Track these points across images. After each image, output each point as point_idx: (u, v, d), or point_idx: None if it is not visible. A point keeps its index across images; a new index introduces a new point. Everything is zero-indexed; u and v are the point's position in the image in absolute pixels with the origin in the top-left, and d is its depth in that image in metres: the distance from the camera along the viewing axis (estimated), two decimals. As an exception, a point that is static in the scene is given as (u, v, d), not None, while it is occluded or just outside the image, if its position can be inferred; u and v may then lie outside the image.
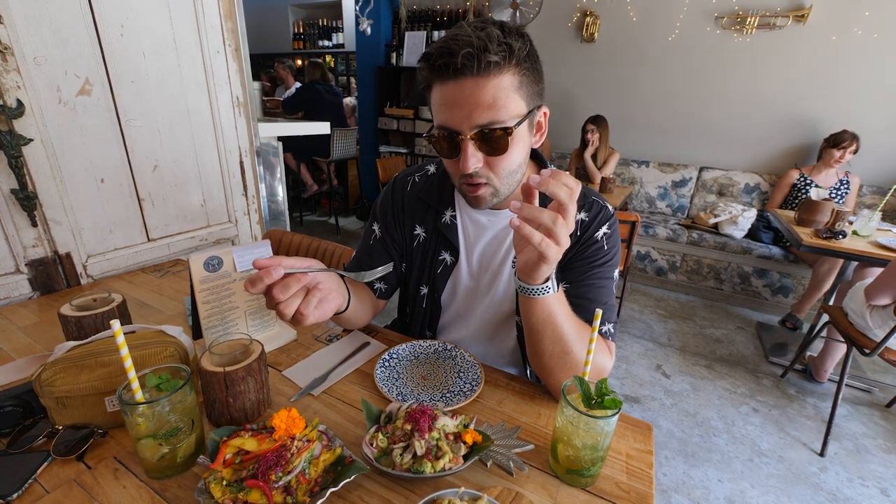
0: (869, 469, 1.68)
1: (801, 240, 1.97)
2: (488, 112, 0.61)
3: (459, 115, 0.62)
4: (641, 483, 0.58)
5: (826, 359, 2.13)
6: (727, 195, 3.31)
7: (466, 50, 0.58)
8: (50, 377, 0.57)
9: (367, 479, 0.56)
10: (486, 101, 0.61)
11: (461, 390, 0.73)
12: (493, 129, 0.62)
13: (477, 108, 0.61)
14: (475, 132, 0.63)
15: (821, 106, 2.97)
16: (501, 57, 0.59)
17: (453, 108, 0.62)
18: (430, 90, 0.66)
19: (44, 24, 0.97)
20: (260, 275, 0.53)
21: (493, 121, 0.62)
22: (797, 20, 2.88)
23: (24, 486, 0.52)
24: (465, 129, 0.63)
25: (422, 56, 0.64)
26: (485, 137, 0.63)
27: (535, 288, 0.61)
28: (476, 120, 0.62)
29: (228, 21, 1.34)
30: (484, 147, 0.64)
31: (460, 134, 0.63)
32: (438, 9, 4.07)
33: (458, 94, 0.61)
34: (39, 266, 1.05)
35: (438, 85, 0.63)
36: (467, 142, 0.63)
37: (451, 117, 0.63)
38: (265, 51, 6.28)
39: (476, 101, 0.61)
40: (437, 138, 0.66)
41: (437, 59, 0.60)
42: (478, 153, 0.65)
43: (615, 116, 3.36)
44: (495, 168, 0.67)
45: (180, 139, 1.29)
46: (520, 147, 0.67)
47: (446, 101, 0.63)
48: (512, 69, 0.61)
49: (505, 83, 0.61)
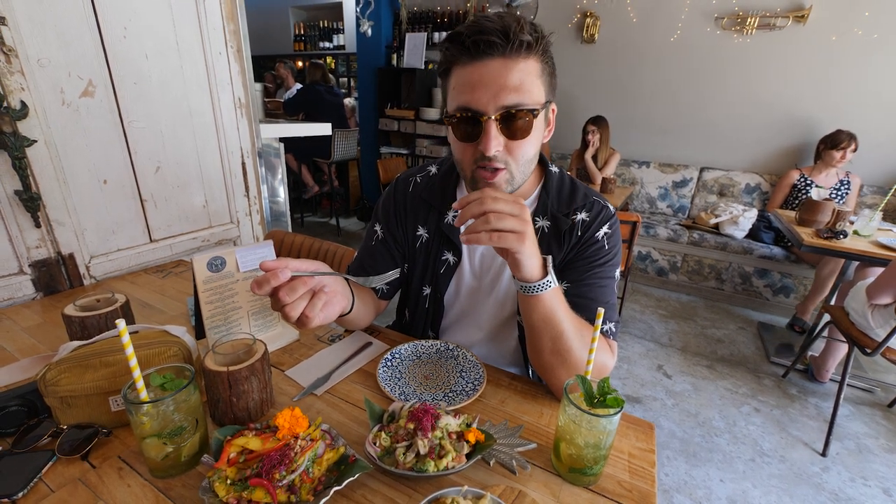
0: (871, 469, 1.68)
1: (802, 240, 1.97)
2: (515, 94, 0.61)
3: (485, 95, 0.62)
4: (644, 482, 0.58)
5: (828, 359, 2.12)
6: (728, 195, 3.31)
7: (499, 27, 0.59)
8: (54, 377, 0.57)
9: (370, 477, 0.56)
10: (513, 82, 0.61)
11: (464, 390, 0.73)
12: (518, 111, 0.62)
13: (504, 89, 0.61)
14: (500, 113, 0.62)
15: (821, 106, 2.97)
16: (533, 38, 0.60)
17: (478, 88, 0.62)
18: (449, 73, 0.66)
19: (47, 27, 0.98)
20: (267, 277, 0.54)
21: (520, 103, 0.62)
22: (797, 21, 2.89)
23: (29, 486, 0.52)
24: (490, 109, 0.62)
25: (448, 36, 0.64)
26: (509, 120, 0.63)
27: (533, 285, 0.62)
28: (502, 101, 0.62)
29: (230, 23, 1.34)
30: (506, 130, 0.64)
31: (484, 115, 0.63)
32: (439, 10, 4.08)
33: (485, 73, 0.61)
34: (43, 267, 1.05)
35: (463, 66, 0.63)
36: (491, 122, 0.63)
37: (476, 98, 0.62)
38: (266, 52, 6.29)
39: (504, 83, 0.61)
40: (458, 120, 0.65)
41: (468, 37, 0.60)
42: (500, 136, 0.64)
43: (616, 117, 3.37)
44: (514, 153, 0.66)
45: (182, 140, 1.30)
46: (538, 135, 0.68)
47: (471, 82, 0.62)
48: (538, 55, 0.63)
49: (531, 68, 0.62)
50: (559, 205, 0.79)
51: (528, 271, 0.60)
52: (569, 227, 0.77)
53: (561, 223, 0.77)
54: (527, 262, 0.60)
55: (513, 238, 0.56)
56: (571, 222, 0.77)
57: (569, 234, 0.77)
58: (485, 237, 0.55)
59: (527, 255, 0.59)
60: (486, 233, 0.55)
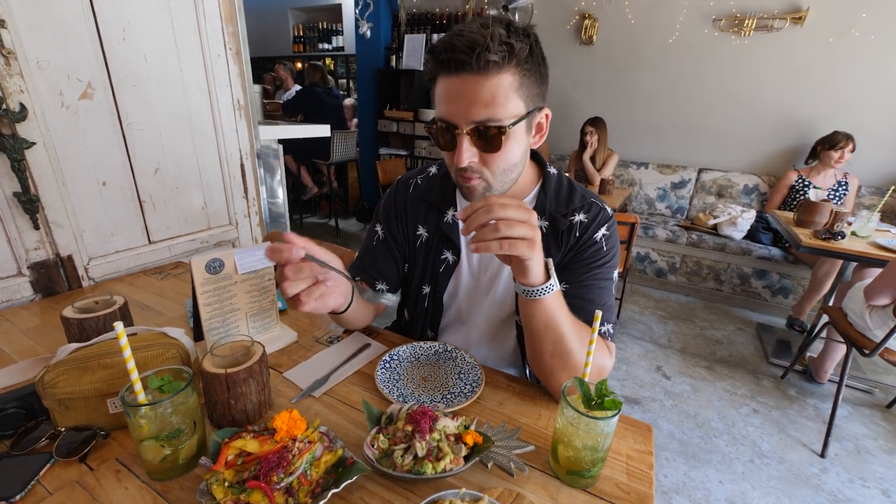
0: (870, 470, 1.68)
1: (800, 241, 1.98)
2: (485, 109, 0.62)
3: (458, 109, 0.63)
4: (642, 484, 0.58)
5: (826, 360, 2.13)
6: (726, 196, 3.31)
7: (467, 47, 0.59)
8: (53, 379, 0.57)
9: (368, 480, 0.56)
10: (484, 98, 0.62)
11: (462, 391, 0.73)
12: (488, 127, 0.63)
13: (474, 104, 0.62)
14: (471, 127, 0.64)
15: (819, 107, 2.98)
16: (501, 57, 0.60)
17: (452, 101, 0.64)
18: (434, 82, 0.67)
19: (46, 29, 0.98)
20: (282, 247, 0.55)
21: (490, 118, 0.63)
22: (794, 22, 2.90)
23: (26, 488, 0.52)
24: (461, 123, 0.64)
25: (429, 48, 0.65)
26: (480, 134, 0.64)
27: (536, 289, 0.62)
28: (473, 116, 0.63)
29: (229, 25, 1.34)
30: (479, 143, 0.65)
31: (457, 128, 0.64)
32: (438, 11, 4.09)
33: (459, 88, 0.62)
34: (41, 269, 1.05)
35: (442, 78, 0.64)
36: (463, 136, 0.64)
37: (450, 111, 0.64)
38: (266, 54, 6.30)
39: (474, 98, 0.62)
40: (436, 130, 0.68)
41: (440, 53, 0.62)
42: (472, 148, 0.66)
43: (614, 118, 3.38)
44: (489, 164, 0.68)
45: (181, 142, 1.30)
46: (515, 146, 0.68)
47: (447, 95, 0.64)
48: (512, 69, 0.62)
49: (504, 82, 0.62)
50: (557, 206, 0.79)
51: (533, 276, 0.60)
52: (567, 228, 0.77)
53: (559, 224, 0.77)
54: (534, 267, 0.60)
55: (523, 245, 0.55)
56: (570, 223, 0.78)
57: (567, 234, 0.78)
58: (495, 245, 0.55)
59: (535, 261, 0.59)
60: (497, 241, 0.55)
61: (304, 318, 0.99)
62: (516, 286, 0.64)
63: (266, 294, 0.83)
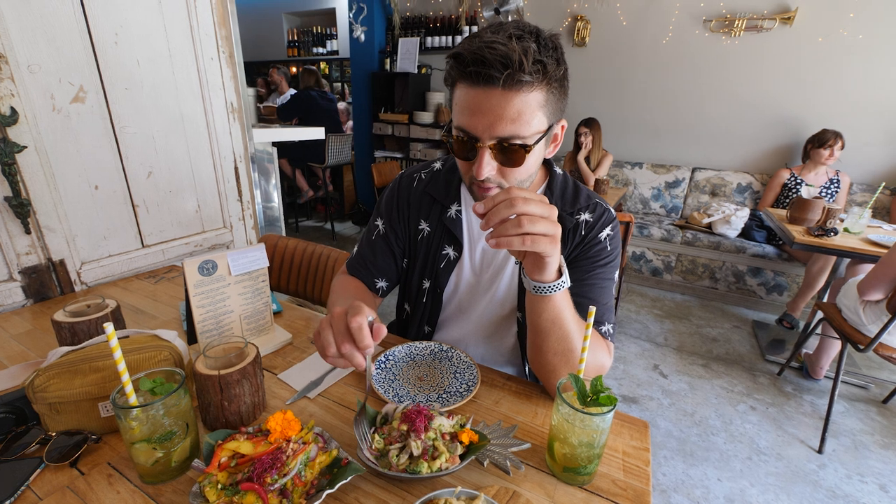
0: (867, 465, 1.69)
1: (793, 238, 1.99)
2: (511, 126, 0.60)
3: (482, 122, 0.61)
4: (638, 480, 0.58)
5: (821, 356, 2.14)
6: (720, 195, 3.33)
7: (500, 63, 0.56)
8: (43, 383, 0.56)
9: (363, 480, 0.55)
10: (510, 114, 0.60)
11: (457, 391, 0.73)
12: (512, 144, 0.62)
13: (500, 120, 0.60)
14: (494, 142, 0.62)
15: (809, 106, 3.01)
16: (535, 77, 0.58)
17: (476, 114, 0.61)
18: (454, 87, 0.65)
19: (38, 33, 0.97)
20: (366, 338, 0.54)
21: (514, 135, 0.61)
22: (783, 22, 2.93)
23: (16, 493, 0.51)
24: (484, 137, 0.62)
25: (453, 53, 0.62)
26: (502, 149, 0.63)
27: (549, 285, 0.61)
28: (497, 131, 0.61)
29: (222, 28, 1.34)
30: (500, 157, 0.64)
31: (479, 141, 0.63)
32: (431, 15, 4.11)
33: (484, 101, 0.60)
34: (33, 273, 1.04)
35: (464, 87, 0.62)
36: (485, 150, 0.62)
37: (473, 123, 0.62)
38: (260, 58, 6.30)
39: (500, 114, 0.60)
40: (455, 140, 0.66)
41: (469, 65, 0.59)
42: (493, 162, 0.64)
43: (608, 119, 3.39)
44: (508, 177, 0.67)
45: (175, 146, 1.30)
46: (534, 160, 0.67)
47: (470, 106, 0.62)
48: (541, 87, 0.60)
49: (532, 100, 0.60)
50: (563, 204, 0.80)
51: (549, 273, 0.60)
52: (573, 227, 0.78)
53: (565, 222, 0.78)
54: (552, 264, 0.59)
55: (545, 241, 0.54)
56: (575, 222, 0.78)
57: (572, 233, 0.78)
58: (517, 241, 0.53)
59: (554, 258, 0.58)
60: (519, 237, 0.53)
61: (298, 320, 0.98)
62: (527, 282, 0.63)
63: (260, 295, 0.83)
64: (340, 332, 0.55)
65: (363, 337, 0.53)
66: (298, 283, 1.32)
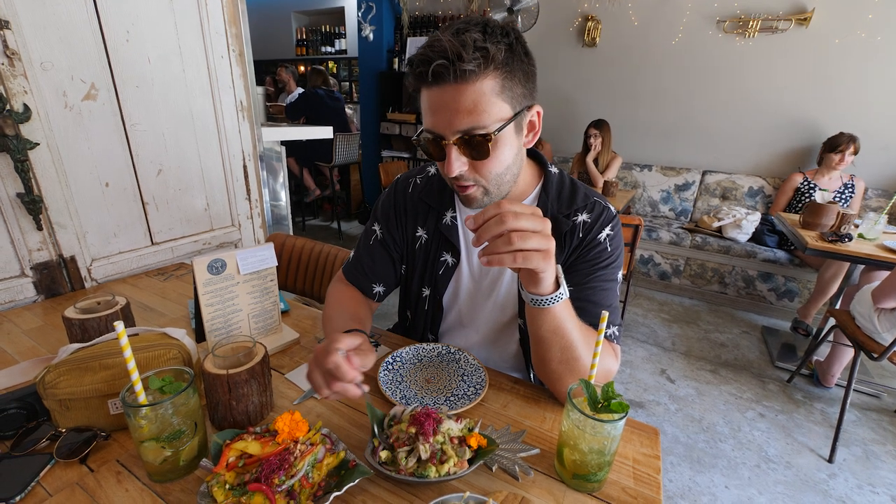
0: (879, 476, 1.65)
1: (806, 243, 1.96)
2: (468, 118, 0.61)
3: (442, 120, 0.62)
4: (649, 488, 0.57)
5: (833, 363, 2.10)
6: (731, 199, 3.29)
7: (440, 59, 0.58)
8: (53, 379, 0.57)
9: (370, 483, 0.55)
10: (465, 106, 0.60)
11: (465, 394, 0.72)
12: (473, 135, 0.62)
13: (457, 113, 0.61)
14: (457, 137, 0.63)
15: (824, 109, 2.96)
16: (476, 64, 0.58)
17: (436, 112, 0.63)
18: (418, 93, 0.66)
19: (51, 30, 0.98)
20: (347, 388, 0.56)
21: (474, 126, 0.61)
22: (799, 24, 2.88)
23: (26, 489, 0.51)
24: (447, 133, 0.63)
25: (407, 61, 0.64)
26: (467, 142, 0.63)
27: (546, 298, 0.60)
28: (457, 125, 0.61)
29: (233, 26, 1.35)
30: (467, 151, 0.64)
31: (444, 138, 0.63)
32: (440, 14, 4.10)
33: (440, 99, 0.61)
34: (44, 269, 1.05)
35: (423, 89, 0.64)
36: (451, 146, 0.63)
37: (435, 122, 0.63)
38: (269, 57, 6.33)
39: (456, 107, 0.60)
40: (425, 141, 0.67)
41: (417, 66, 0.61)
42: (462, 157, 0.65)
43: (617, 120, 3.36)
44: (481, 171, 0.67)
45: (184, 143, 1.30)
46: (505, 150, 0.66)
47: (430, 106, 0.63)
48: (491, 73, 0.60)
49: (485, 88, 0.60)
50: (559, 206, 0.78)
51: (544, 286, 0.59)
52: (570, 229, 0.76)
53: (561, 225, 0.76)
54: (547, 279, 0.58)
55: (538, 257, 0.53)
56: (572, 224, 0.76)
57: (570, 235, 0.76)
58: (508, 259, 0.52)
59: (548, 273, 0.57)
60: (510, 254, 0.52)
61: (306, 320, 0.98)
62: (524, 294, 0.62)
63: (268, 295, 0.83)
64: (326, 371, 0.57)
65: (343, 374, 0.55)
66: (305, 282, 1.32)
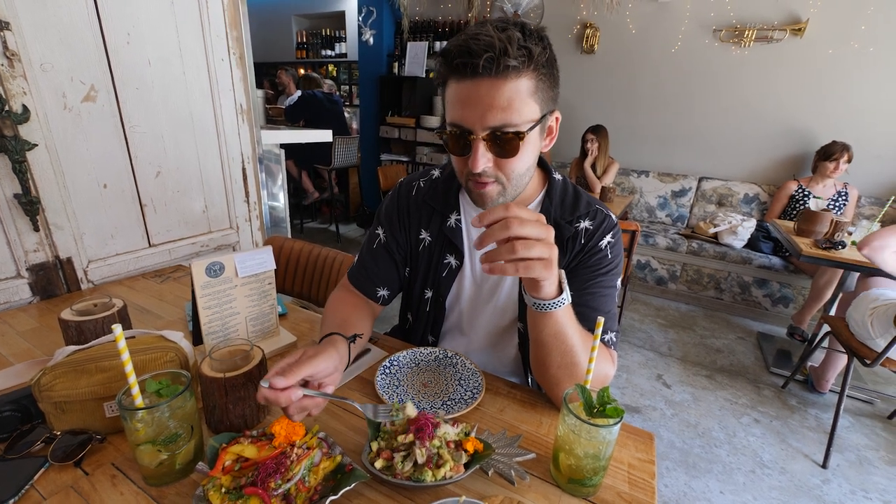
0: (872, 481, 1.66)
1: (800, 250, 1.98)
2: (502, 114, 0.61)
3: (473, 114, 0.62)
4: (643, 493, 0.57)
5: (827, 369, 2.12)
6: (727, 205, 3.32)
7: (487, 52, 0.57)
8: (49, 382, 0.56)
9: (367, 487, 0.55)
10: (501, 103, 0.60)
11: (462, 398, 0.72)
12: (505, 132, 0.62)
13: (491, 109, 0.61)
14: (487, 133, 0.62)
15: (818, 118, 3.00)
16: (520, 62, 0.59)
17: (467, 106, 0.62)
18: (445, 85, 0.66)
19: (51, 31, 0.98)
20: (279, 396, 0.53)
21: (507, 123, 0.61)
22: (794, 34, 2.92)
23: (20, 493, 0.51)
24: (477, 128, 0.62)
25: (441, 51, 0.64)
26: (496, 139, 0.63)
27: (549, 303, 0.60)
28: (489, 121, 0.61)
29: (233, 29, 1.35)
30: (494, 148, 0.64)
31: (472, 133, 0.63)
32: (440, 19, 4.12)
33: (474, 93, 0.61)
34: (40, 271, 1.05)
35: (454, 81, 0.63)
36: (479, 142, 0.63)
37: (465, 115, 0.63)
38: (269, 60, 6.34)
39: (491, 103, 0.60)
40: (449, 135, 0.66)
41: (455, 58, 0.60)
42: (488, 153, 0.64)
43: (615, 126, 3.39)
44: (504, 169, 0.67)
45: (183, 146, 1.30)
46: (530, 151, 0.67)
47: (461, 99, 0.62)
48: (529, 73, 0.61)
49: (521, 87, 0.61)
50: (562, 212, 0.79)
51: (546, 292, 0.59)
52: (572, 235, 0.77)
53: (564, 230, 0.77)
54: (549, 286, 0.59)
55: (539, 266, 0.53)
56: (575, 230, 0.77)
57: (572, 242, 0.77)
58: (510, 268, 0.52)
59: (551, 280, 0.58)
60: (512, 263, 0.52)
61: (304, 323, 0.98)
62: (527, 298, 0.63)
63: (266, 298, 0.83)
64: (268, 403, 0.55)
65: (277, 403, 0.53)
66: (304, 285, 1.32)
